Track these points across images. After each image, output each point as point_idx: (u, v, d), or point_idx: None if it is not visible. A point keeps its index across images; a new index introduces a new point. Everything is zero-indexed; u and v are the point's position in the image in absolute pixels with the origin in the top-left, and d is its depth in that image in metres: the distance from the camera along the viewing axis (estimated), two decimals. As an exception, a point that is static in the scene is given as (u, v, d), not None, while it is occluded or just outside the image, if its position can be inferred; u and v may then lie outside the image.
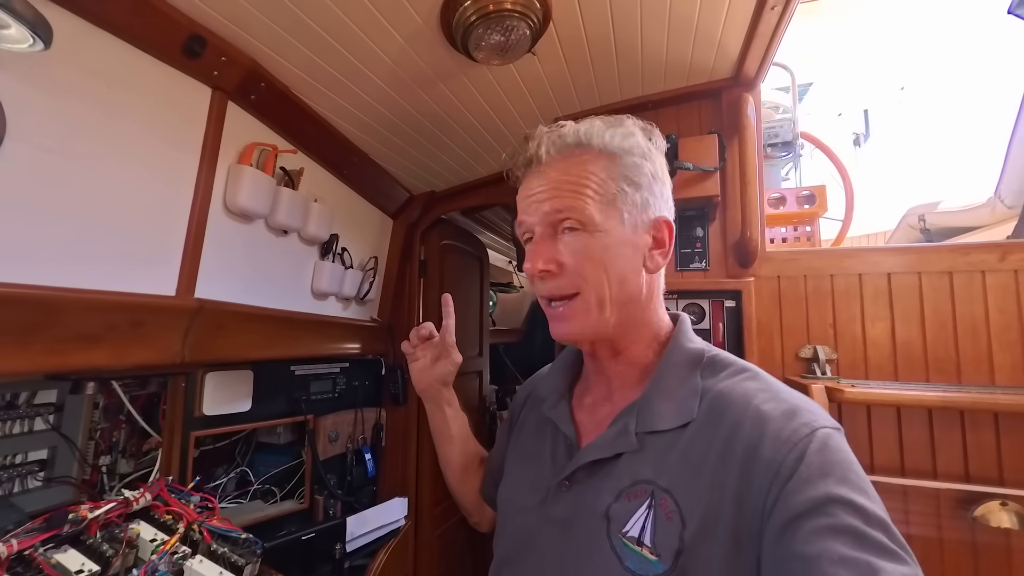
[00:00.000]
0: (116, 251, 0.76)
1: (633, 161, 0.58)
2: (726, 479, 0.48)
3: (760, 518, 0.45)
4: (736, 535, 0.46)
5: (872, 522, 0.41)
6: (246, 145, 0.99)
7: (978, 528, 1.05)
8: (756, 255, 1.24)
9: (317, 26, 0.87)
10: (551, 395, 0.69)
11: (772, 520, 0.44)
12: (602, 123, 0.59)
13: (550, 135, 0.59)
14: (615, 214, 0.56)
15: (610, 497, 0.54)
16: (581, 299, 0.57)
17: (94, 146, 0.72)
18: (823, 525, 0.41)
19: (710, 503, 0.48)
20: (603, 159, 0.57)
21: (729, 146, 1.29)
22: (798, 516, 0.42)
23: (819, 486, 0.43)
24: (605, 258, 0.56)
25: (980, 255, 1.15)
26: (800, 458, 0.45)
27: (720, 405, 0.53)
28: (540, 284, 0.59)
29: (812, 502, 0.42)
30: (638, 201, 0.58)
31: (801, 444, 0.46)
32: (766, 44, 1.11)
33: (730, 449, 0.49)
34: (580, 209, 0.55)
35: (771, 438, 0.47)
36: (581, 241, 0.56)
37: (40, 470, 0.94)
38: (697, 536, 0.48)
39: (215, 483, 1.29)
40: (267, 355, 1.14)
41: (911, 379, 1.15)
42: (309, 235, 1.22)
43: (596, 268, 0.56)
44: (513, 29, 0.90)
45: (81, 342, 0.70)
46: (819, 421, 0.48)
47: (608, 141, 0.58)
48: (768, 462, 0.46)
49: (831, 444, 0.46)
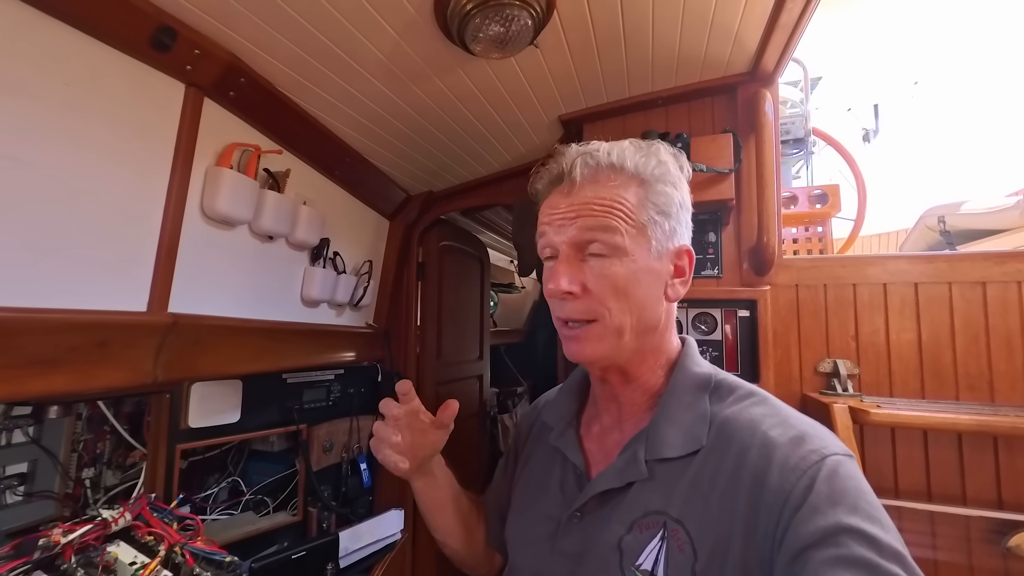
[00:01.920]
0: (77, 266, 0.70)
1: (664, 190, 0.57)
2: (735, 508, 0.48)
3: (770, 547, 0.45)
4: (745, 565, 0.46)
5: (885, 553, 0.40)
6: (225, 146, 0.92)
7: (1011, 559, 0.98)
8: (773, 262, 1.17)
9: (301, 17, 0.80)
10: (558, 423, 0.68)
11: (782, 550, 0.44)
12: (634, 147, 0.58)
13: (583, 155, 0.57)
14: (644, 242, 0.55)
15: (622, 528, 0.53)
16: (599, 325, 0.55)
17: (49, 149, 0.66)
18: (834, 556, 0.40)
19: (720, 533, 0.48)
20: (634, 185, 0.56)
21: (744, 146, 1.22)
22: (808, 547, 0.42)
23: (829, 515, 0.42)
24: (629, 286, 0.54)
25: (1016, 264, 1.08)
26: (810, 486, 0.44)
27: (727, 431, 0.53)
28: (560, 305, 0.57)
29: (822, 532, 0.42)
30: (666, 229, 0.57)
31: (810, 472, 0.45)
32: (787, 36, 1.03)
33: (737, 477, 0.49)
34: (611, 235, 0.54)
35: (779, 466, 0.47)
36: (608, 267, 0.55)
37: (20, 484, 0.90)
38: (708, 568, 0.47)
39: (206, 492, 1.24)
40: (253, 369, 1.09)
41: (939, 397, 1.08)
42: (298, 240, 1.16)
43: (619, 296, 0.55)
44: (514, 19, 0.83)
45: (38, 367, 0.64)
46: (829, 448, 0.47)
47: (641, 167, 0.57)
48: (776, 491, 0.46)
49: (841, 472, 0.46)
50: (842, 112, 5.62)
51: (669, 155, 0.59)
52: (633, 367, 0.59)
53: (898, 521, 0.42)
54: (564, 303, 0.56)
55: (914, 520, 1.03)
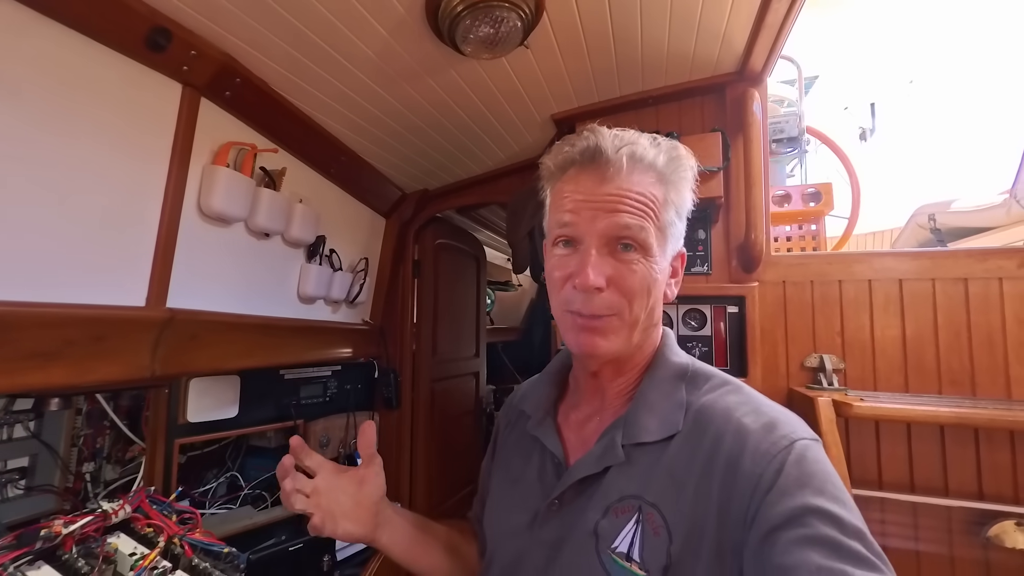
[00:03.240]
0: (76, 262, 0.72)
1: (684, 193, 0.58)
2: (709, 493, 0.49)
3: (742, 530, 0.46)
4: (719, 548, 0.47)
5: (848, 532, 0.42)
6: (221, 145, 0.94)
7: (991, 548, 1.01)
8: (761, 259, 1.19)
9: (293, 17, 0.82)
10: (536, 412, 0.68)
11: (753, 532, 0.45)
12: (656, 144, 0.57)
13: (623, 136, 0.55)
14: (663, 243, 0.57)
15: (597, 514, 0.54)
16: (618, 319, 0.55)
17: (49, 147, 0.67)
18: (800, 536, 0.42)
19: (694, 517, 0.49)
20: (662, 185, 0.56)
21: (733, 144, 1.23)
22: (777, 527, 0.43)
23: (796, 497, 0.44)
24: (649, 284, 0.56)
25: (998, 261, 1.09)
26: (779, 470, 0.46)
27: (703, 419, 0.54)
28: (586, 298, 0.54)
29: (790, 513, 0.43)
30: (678, 232, 0.59)
31: (780, 456, 0.47)
32: (774, 36, 1.05)
33: (712, 463, 0.50)
34: (645, 234, 0.54)
35: (751, 451, 0.48)
36: (636, 264, 0.54)
37: (21, 478, 0.91)
38: (683, 550, 0.48)
39: (204, 488, 1.26)
40: (249, 365, 1.10)
41: (922, 391, 1.10)
42: (293, 237, 1.17)
43: (641, 294, 0.55)
44: (503, 20, 0.85)
45: (36, 360, 0.66)
46: (797, 433, 0.49)
47: (668, 169, 0.56)
48: (748, 475, 0.47)
49: (808, 456, 0.47)
50: (839, 111, 5.65)
51: (689, 157, 0.59)
52: (629, 359, 0.61)
53: (881, 513, 0.44)
54: (590, 298, 0.54)
55: (897, 512, 1.05)
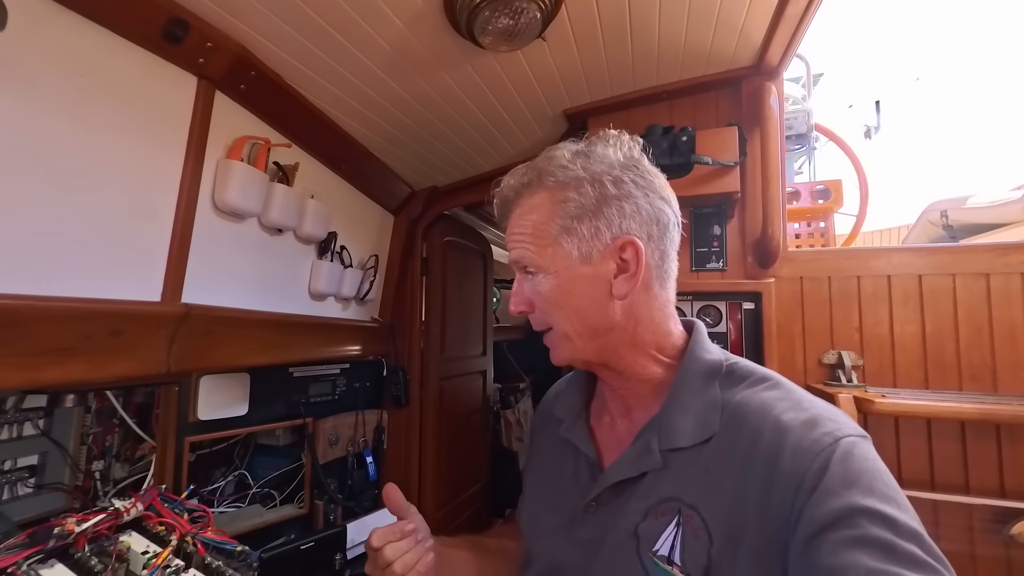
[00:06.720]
0: (92, 255, 0.71)
1: (570, 195, 0.57)
2: (748, 493, 0.48)
3: (785, 531, 0.44)
4: (760, 549, 0.46)
5: (902, 533, 0.40)
6: (236, 139, 0.93)
7: (1013, 546, 0.99)
8: (777, 255, 1.18)
9: (310, 9, 0.81)
10: (567, 415, 0.68)
11: (797, 534, 0.43)
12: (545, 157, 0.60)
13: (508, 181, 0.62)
14: (562, 253, 0.56)
15: (638, 516, 0.54)
16: (554, 332, 0.59)
17: (66, 138, 0.66)
18: (849, 537, 0.40)
19: (734, 518, 0.48)
20: (543, 199, 0.58)
21: (749, 139, 1.22)
22: (823, 528, 0.41)
23: (843, 497, 0.42)
24: (558, 297, 0.57)
25: (1019, 256, 1.08)
26: (823, 469, 0.44)
27: (739, 417, 0.52)
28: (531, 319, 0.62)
29: (837, 513, 0.41)
30: (585, 234, 0.56)
31: (824, 454, 0.45)
32: (793, 28, 1.04)
33: (750, 461, 0.49)
34: (528, 258, 0.58)
35: (791, 449, 0.46)
36: (536, 284, 0.58)
37: (30, 476, 0.91)
38: (724, 552, 0.47)
39: (213, 486, 1.25)
40: (262, 361, 1.09)
41: (943, 387, 1.09)
42: (305, 234, 1.17)
43: (553, 307, 0.58)
44: (523, 12, 0.83)
45: (55, 355, 0.65)
46: (843, 430, 0.47)
47: (546, 178, 0.58)
48: (790, 474, 0.45)
49: (856, 453, 0.45)
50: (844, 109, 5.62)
51: (571, 155, 0.58)
52: (615, 363, 0.59)
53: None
54: (531, 319, 0.61)
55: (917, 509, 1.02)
